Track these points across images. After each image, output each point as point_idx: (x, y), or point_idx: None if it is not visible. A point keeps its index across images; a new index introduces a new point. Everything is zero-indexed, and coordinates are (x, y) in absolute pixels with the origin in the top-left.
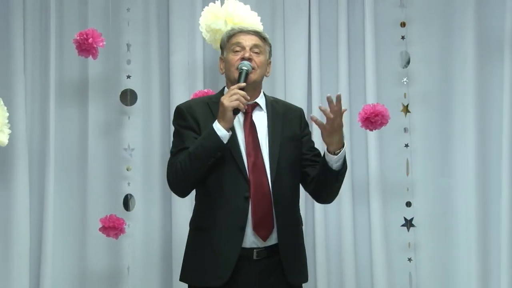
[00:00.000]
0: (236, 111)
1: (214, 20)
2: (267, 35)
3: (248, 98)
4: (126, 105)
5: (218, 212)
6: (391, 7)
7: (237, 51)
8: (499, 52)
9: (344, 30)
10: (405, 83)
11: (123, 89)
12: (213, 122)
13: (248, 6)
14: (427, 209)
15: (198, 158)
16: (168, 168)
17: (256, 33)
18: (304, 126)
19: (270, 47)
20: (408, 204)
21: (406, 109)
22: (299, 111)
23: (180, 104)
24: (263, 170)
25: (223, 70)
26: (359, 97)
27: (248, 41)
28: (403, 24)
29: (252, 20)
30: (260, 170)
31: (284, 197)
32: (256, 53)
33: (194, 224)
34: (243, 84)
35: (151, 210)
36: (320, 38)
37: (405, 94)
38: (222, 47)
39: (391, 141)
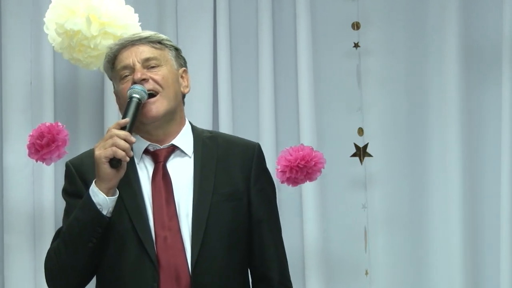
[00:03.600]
0: (115, 162)
1: (69, 17)
2: (163, 36)
3: (133, 140)
4: None
5: None
6: (337, 0)
7: (126, 76)
8: (494, 65)
9: (267, 32)
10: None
11: None
12: None
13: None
14: None
15: (72, 240)
16: (45, 258)
17: (144, 40)
18: (257, 174)
19: (177, 49)
20: None
21: (362, 152)
22: (251, 150)
23: (69, 160)
24: (180, 249)
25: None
26: (290, 133)
27: (134, 55)
28: (356, 26)
29: (127, 19)
30: (175, 248)
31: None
32: (152, 67)
33: None
34: (124, 121)
35: None
36: (231, 45)
37: (360, 130)
38: (110, 78)
39: (341, 199)
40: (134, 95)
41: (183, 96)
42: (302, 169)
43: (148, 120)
